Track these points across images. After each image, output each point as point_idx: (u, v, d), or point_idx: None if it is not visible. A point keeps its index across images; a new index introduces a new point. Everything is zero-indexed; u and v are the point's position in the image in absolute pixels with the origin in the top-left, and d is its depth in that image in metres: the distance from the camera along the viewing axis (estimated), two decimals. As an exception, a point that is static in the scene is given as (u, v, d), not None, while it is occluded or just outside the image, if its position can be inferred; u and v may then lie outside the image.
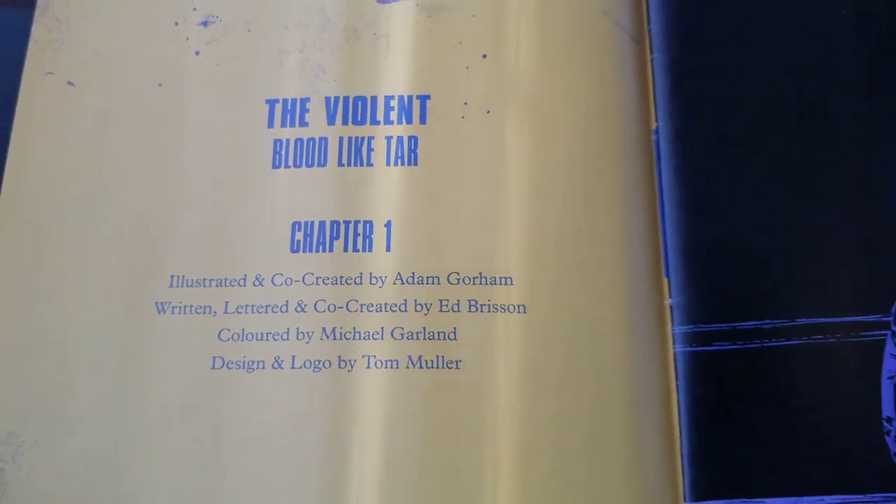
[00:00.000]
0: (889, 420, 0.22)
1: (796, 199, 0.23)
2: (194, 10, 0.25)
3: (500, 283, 0.22)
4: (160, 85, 0.24)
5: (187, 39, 0.25)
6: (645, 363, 0.22)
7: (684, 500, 0.22)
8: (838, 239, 0.23)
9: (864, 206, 0.24)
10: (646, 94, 0.24)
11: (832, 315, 0.23)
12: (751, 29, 0.25)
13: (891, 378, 0.23)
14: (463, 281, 0.22)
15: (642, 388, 0.22)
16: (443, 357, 0.21)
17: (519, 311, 0.22)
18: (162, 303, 0.22)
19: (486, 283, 0.22)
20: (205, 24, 0.25)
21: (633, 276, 0.23)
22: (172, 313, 0.22)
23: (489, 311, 0.22)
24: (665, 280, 0.23)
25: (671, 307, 0.23)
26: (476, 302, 0.22)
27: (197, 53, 0.24)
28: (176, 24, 0.25)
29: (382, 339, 0.21)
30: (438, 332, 0.21)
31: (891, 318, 0.23)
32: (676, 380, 0.23)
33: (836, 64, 0.24)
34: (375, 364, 0.21)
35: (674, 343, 0.23)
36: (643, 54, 0.25)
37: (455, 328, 0.21)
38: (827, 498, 0.22)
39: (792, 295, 0.23)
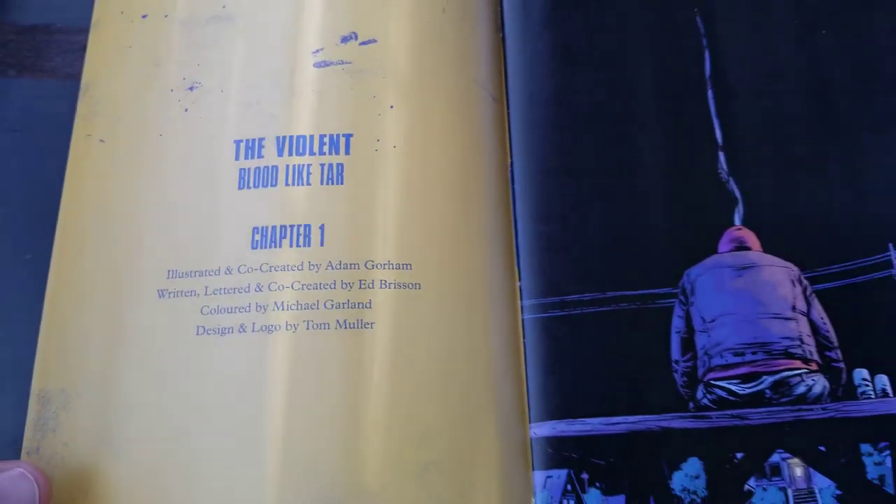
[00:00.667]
0: (676, 362, 0.31)
1: (605, 207, 0.32)
2: (183, 79, 0.33)
3: (402, 268, 0.30)
4: (161, 135, 0.33)
5: (179, 101, 0.33)
6: (503, 326, 0.30)
7: (529, 421, 0.31)
8: (637, 233, 0.32)
9: (655, 212, 0.33)
10: (503, 138, 0.33)
11: (633, 289, 0.32)
12: (571, 94, 0.34)
13: (677, 332, 0.31)
14: (376, 266, 0.30)
15: (501, 344, 0.30)
16: (361, 320, 0.29)
17: (415, 288, 0.30)
18: (161, 290, 0.30)
19: (392, 268, 0.30)
20: (191, 88, 0.33)
21: (495, 265, 0.31)
22: (169, 297, 0.30)
23: (394, 288, 0.29)
24: (516, 268, 0.32)
25: (520, 287, 0.32)
26: (385, 281, 0.30)
27: (186, 111, 0.33)
28: (171, 90, 0.33)
29: (318, 308, 0.29)
30: (358, 303, 0.29)
31: (678, 290, 0.32)
32: (524, 337, 0.31)
33: (636, 116, 0.34)
34: (313, 326, 0.29)
35: (522, 312, 0.32)
36: (501, 110, 0.34)
37: (370, 300, 0.29)
38: (630, 417, 0.30)
39: (603, 275, 0.32)
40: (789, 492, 0.29)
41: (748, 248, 0.31)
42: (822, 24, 0.35)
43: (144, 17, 0.34)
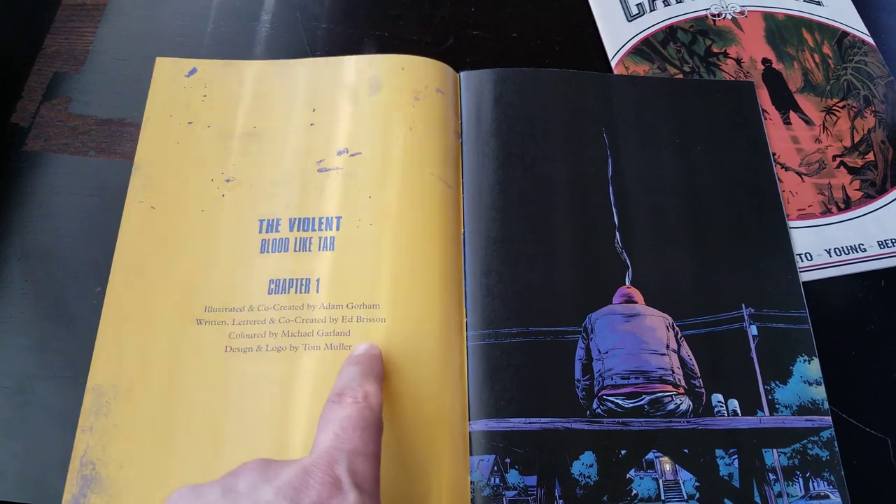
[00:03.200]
0: (578, 381, 0.40)
1: (530, 267, 0.42)
2: (221, 173, 0.43)
3: (373, 308, 0.39)
4: (202, 210, 0.42)
5: (217, 188, 0.43)
6: (450, 349, 0.39)
7: (469, 419, 0.39)
8: (553, 287, 0.42)
9: (566, 272, 0.42)
10: (458, 215, 0.43)
11: (548, 326, 0.41)
12: (508, 184, 0.44)
13: (579, 359, 0.40)
14: (353, 307, 0.39)
15: (448, 362, 0.39)
16: (342, 343, 0.38)
17: (382, 321, 0.39)
18: (200, 319, 0.40)
19: (365, 307, 0.39)
20: (227, 181, 0.43)
21: (447, 305, 0.40)
22: (206, 324, 0.40)
23: (366, 321, 0.39)
24: (464, 308, 0.42)
25: (466, 322, 0.41)
26: (359, 317, 0.39)
27: (223, 196, 0.42)
28: (212, 180, 0.43)
29: (312, 335, 0.38)
30: (340, 332, 0.38)
31: (581, 329, 0.42)
32: (467, 358, 0.40)
33: (555, 202, 0.44)
34: (310, 347, 0.38)
35: (467, 340, 0.41)
36: (457, 195, 0.44)
37: (349, 329, 0.39)
38: (543, 418, 0.39)
39: (527, 315, 0.41)
40: (660, 481, 0.37)
41: (635, 302, 0.41)
42: (697, 143, 0.46)
43: (190, 123, 0.45)
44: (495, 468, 0.37)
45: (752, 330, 0.40)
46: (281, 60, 0.46)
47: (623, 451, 0.37)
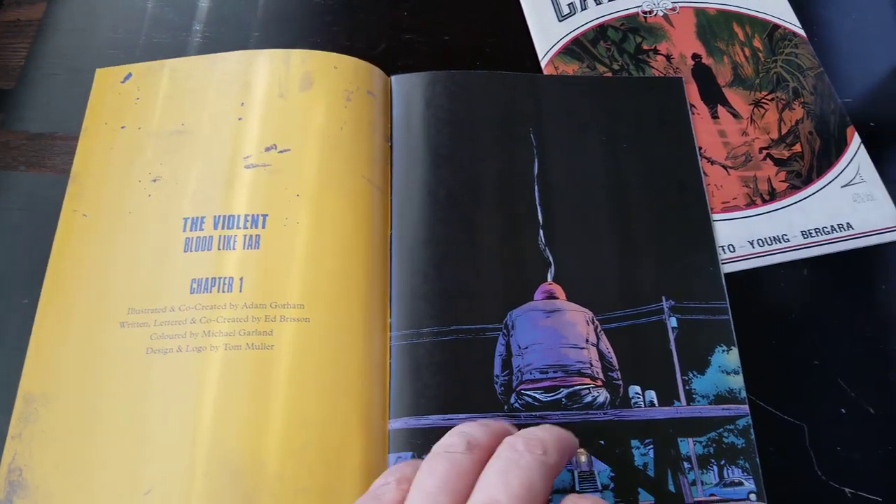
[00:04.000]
0: (497, 377, 0.40)
1: (454, 267, 0.42)
2: (149, 173, 0.43)
3: (297, 307, 0.39)
4: (130, 213, 0.42)
5: (145, 189, 0.43)
6: (373, 348, 0.40)
7: (388, 417, 0.40)
8: (476, 285, 0.42)
9: (489, 270, 0.43)
10: (386, 217, 0.43)
11: (471, 324, 0.42)
12: (436, 185, 0.44)
13: (499, 355, 0.41)
14: (277, 306, 0.39)
15: (371, 361, 0.39)
16: (265, 343, 0.38)
17: (306, 321, 0.39)
18: (123, 322, 0.40)
19: (290, 307, 0.39)
20: (154, 181, 0.44)
21: (371, 305, 0.41)
22: (129, 327, 0.40)
23: (290, 321, 0.39)
24: (388, 309, 0.42)
25: (390, 322, 0.42)
26: (283, 316, 0.39)
27: (149, 196, 0.43)
28: (139, 181, 0.43)
29: (234, 335, 0.38)
30: (263, 332, 0.38)
31: (502, 326, 0.42)
32: (390, 357, 0.41)
33: (481, 202, 0.45)
34: (230, 347, 0.38)
35: (390, 339, 0.41)
36: (385, 197, 0.44)
37: (272, 329, 0.39)
38: (461, 414, 0.40)
39: (449, 314, 0.41)
40: (575, 473, 0.38)
41: (556, 298, 0.42)
42: (623, 139, 0.47)
43: (123, 127, 0.45)
44: (413, 465, 0.37)
45: (672, 322, 0.41)
46: (212, 54, 0.46)
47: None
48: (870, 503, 0.40)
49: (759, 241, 0.47)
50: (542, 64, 0.52)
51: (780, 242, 0.48)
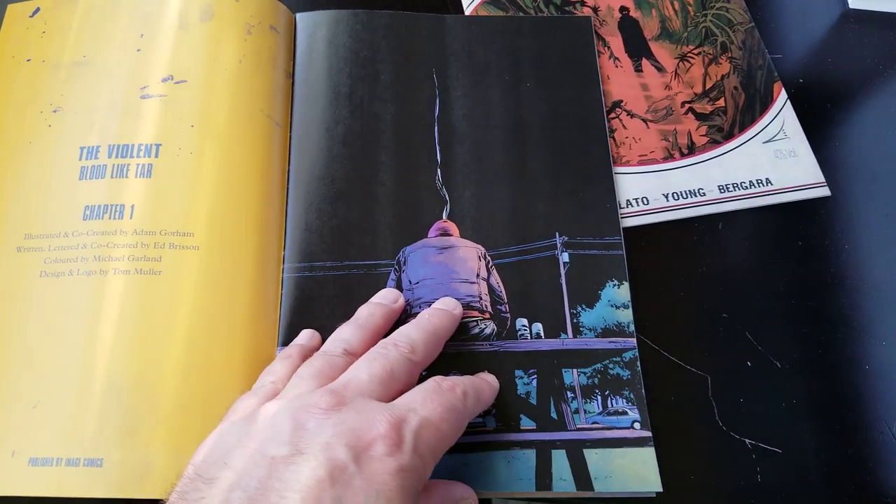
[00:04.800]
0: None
1: (349, 203, 0.50)
2: (50, 104, 0.49)
3: (186, 235, 0.46)
4: (30, 142, 0.48)
5: (45, 119, 0.49)
6: (265, 279, 0.47)
7: (277, 345, 0.47)
8: (370, 222, 0.49)
9: (385, 208, 0.50)
10: (284, 153, 0.50)
11: (363, 259, 0.48)
12: (335, 124, 0.52)
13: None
14: (167, 234, 0.45)
15: (262, 294, 0.46)
16: (153, 269, 0.44)
17: (195, 249, 0.45)
18: (20, 247, 0.46)
19: (179, 235, 0.45)
20: (55, 111, 0.49)
21: (265, 237, 0.47)
22: (25, 251, 0.46)
23: (179, 248, 0.45)
24: (283, 242, 0.49)
25: (284, 255, 0.49)
26: (172, 244, 0.45)
27: (49, 126, 0.48)
28: (41, 112, 0.49)
29: (123, 260, 0.44)
30: (151, 258, 0.44)
31: (395, 262, 0.49)
32: (282, 289, 0.48)
33: (380, 141, 0.52)
34: (119, 272, 0.44)
35: (283, 272, 0.48)
36: (285, 133, 0.51)
37: (160, 256, 0.45)
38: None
39: (342, 249, 0.48)
40: (459, 399, 0.45)
41: (450, 235, 0.49)
42: (527, 79, 0.55)
43: (28, 60, 0.52)
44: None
45: (564, 257, 0.48)
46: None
47: (425, 372, 0.45)
48: (770, 454, 0.46)
49: (675, 195, 0.55)
50: (467, 13, 0.60)
51: (695, 196, 0.55)
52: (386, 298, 0.44)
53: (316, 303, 0.46)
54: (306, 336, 0.43)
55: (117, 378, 0.42)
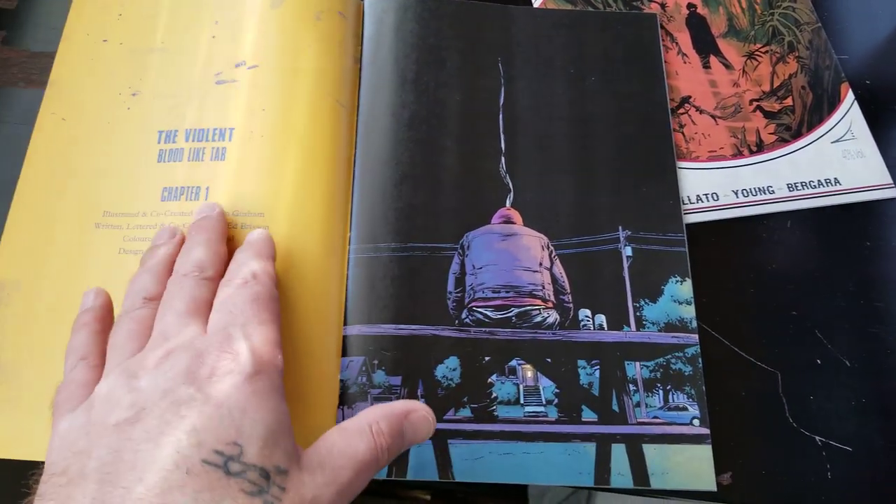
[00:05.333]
0: (450, 293, 0.48)
1: (414, 187, 0.50)
2: (129, 87, 0.51)
3: (257, 216, 0.46)
4: (108, 122, 0.49)
5: (124, 101, 0.50)
6: (331, 259, 0.47)
7: (344, 324, 0.47)
8: (435, 206, 0.50)
9: (449, 193, 0.51)
10: (351, 136, 0.51)
11: (427, 242, 0.49)
12: (401, 108, 0.52)
13: (453, 273, 0.48)
14: (239, 214, 0.46)
15: (329, 273, 0.46)
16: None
17: (265, 229, 0.46)
18: (98, 223, 0.47)
19: (251, 215, 0.46)
20: (133, 94, 0.51)
21: (332, 218, 0.48)
22: (103, 228, 0.47)
23: (250, 228, 0.45)
24: (349, 223, 0.49)
25: (350, 236, 0.49)
26: (245, 224, 0.46)
27: (128, 109, 0.50)
28: (119, 94, 0.50)
29: None
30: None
31: (458, 246, 0.50)
32: (348, 269, 0.48)
33: (446, 126, 0.53)
34: None
35: (349, 252, 0.48)
36: (352, 116, 0.52)
37: (233, 236, 0.45)
38: (412, 325, 0.47)
39: (406, 232, 0.49)
40: (521, 386, 0.45)
41: (513, 223, 0.50)
42: (592, 73, 0.55)
43: (105, 41, 0.53)
44: (363, 368, 0.45)
45: (627, 251, 0.48)
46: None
47: (487, 358, 0.45)
48: (840, 452, 0.46)
49: (744, 192, 0.55)
50: (536, 5, 0.61)
51: (765, 193, 0.55)
52: (161, 238, 0.43)
53: (381, 283, 0.47)
54: (90, 297, 0.41)
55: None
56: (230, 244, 0.45)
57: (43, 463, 0.33)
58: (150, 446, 0.30)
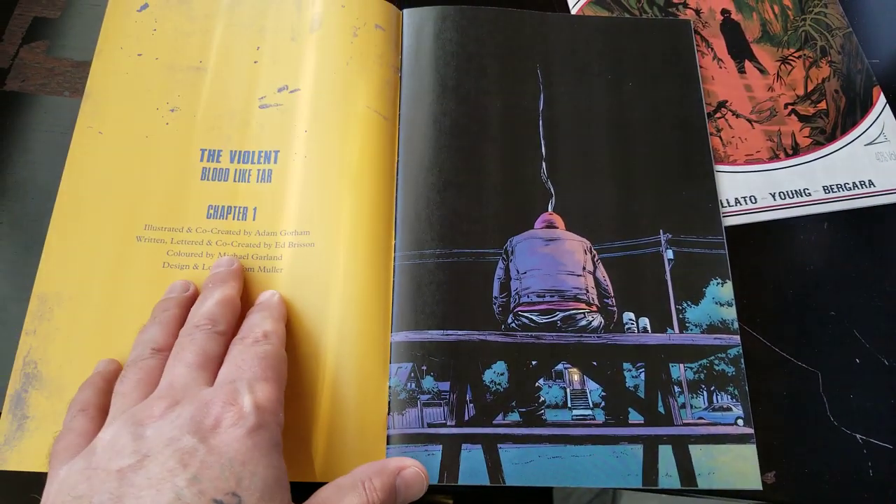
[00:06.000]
0: (495, 298, 0.49)
1: (457, 194, 0.50)
2: (167, 103, 0.51)
3: (303, 234, 0.47)
4: (146, 137, 0.50)
5: (162, 117, 0.51)
6: (378, 268, 0.48)
7: (391, 330, 0.48)
8: (478, 212, 0.50)
9: (492, 198, 0.51)
10: (393, 146, 0.51)
11: (471, 247, 0.50)
12: (442, 116, 0.53)
13: (498, 278, 0.49)
14: (286, 234, 0.47)
15: (376, 282, 0.47)
16: (274, 266, 0.46)
17: (311, 246, 0.47)
18: (140, 237, 0.48)
19: (296, 234, 0.47)
20: (172, 110, 0.51)
21: (377, 229, 0.49)
22: (145, 241, 0.48)
23: (297, 247, 0.47)
24: (393, 231, 0.50)
25: (395, 244, 0.50)
26: (291, 242, 0.47)
27: (167, 124, 0.50)
28: (157, 109, 0.51)
29: (247, 258, 0.46)
30: (272, 256, 0.46)
31: (502, 251, 0.51)
32: (394, 276, 0.49)
33: (487, 133, 0.53)
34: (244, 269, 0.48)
35: (395, 259, 0.49)
36: (393, 127, 0.53)
37: (281, 254, 0.47)
38: (459, 331, 0.47)
39: (450, 238, 0.49)
40: (568, 390, 0.46)
41: (556, 227, 0.50)
42: (629, 79, 0.56)
43: (140, 55, 0.54)
44: (412, 374, 0.45)
45: (669, 254, 0.49)
46: (226, -1, 0.55)
47: (534, 362, 0.46)
48: (881, 450, 0.47)
49: (781, 194, 0.55)
50: (573, 12, 0.61)
51: (801, 196, 0.56)
52: (174, 290, 0.44)
53: (426, 289, 0.47)
54: (102, 363, 0.43)
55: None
56: (276, 263, 0.46)
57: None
58: (152, 493, 0.30)
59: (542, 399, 0.44)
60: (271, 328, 0.40)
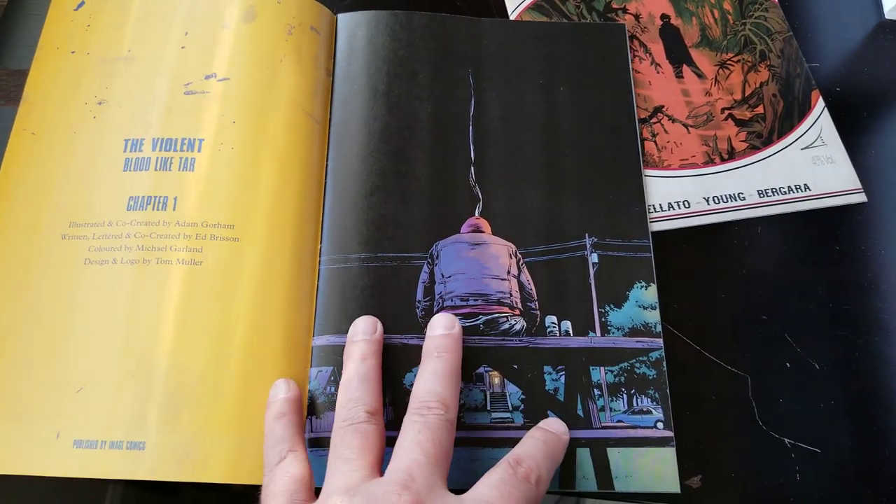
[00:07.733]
0: (419, 302, 0.49)
1: (384, 198, 0.51)
2: (95, 96, 0.51)
3: (227, 227, 0.48)
4: (74, 132, 0.50)
5: (90, 111, 0.51)
6: (301, 270, 0.48)
7: (313, 335, 0.49)
8: (404, 217, 0.51)
9: (419, 203, 0.52)
10: (322, 149, 0.52)
11: (397, 252, 0.50)
12: (372, 120, 0.54)
13: (422, 282, 0.49)
14: (208, 226, 0.48)
15: (298, 282, 0.48)
16: (194, 260, 0.47)
17: (235, 241, 0.47)
18: (65, 234, 0.48)
19: (220, 227, 0.48)
20: (99, 103, 0.51)
21: (302, 229, 0.49)
22: (69, 239, 0.48)
23: (220, 240, 0.47)
24: (319, 235, 0.50)
25: (320, 248, 0.51)
26: (213, 235, 0.47)
27: (94, 117, 0.50)
28: (86, 103, 0.51)
29: (166, 250, 0.46)
30: (193, 248, 0.47)
31: (427, 255, 0.51)
32: (318, 280, 0.50)
33: (416, 138, 0.54)
34: (161, 262, 0.46)
35: (320, 263, 0.50)
36: (323, 129, 0.53)
37: (202, 247, 0.47)
38: (394, 336, 0.48)
39: (376, 243, 0.50)
40: (488, 393, 0.47)
41: (482, 231, 0.51)
42: (561, 83, 0.56)
43: (73, 52, 0.54)
44: (332, 378, 0.46)
45: (593, 258, 0.50)
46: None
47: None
48: (809, 454, 0.48)
49: (716, 199, 0.56)
50: (511, 18, 0.62)
51: (736, 200, 0.56)
52: (366, 332, 0.44)
53: (351, 292, 0.48)
54: (282, 388, 0.44)
55: (158, 364, 0.45)
56: (197, 255, 0.47)
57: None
58: None
59: (461, 402, 0.44)
60: (546, 474, 0.40)
